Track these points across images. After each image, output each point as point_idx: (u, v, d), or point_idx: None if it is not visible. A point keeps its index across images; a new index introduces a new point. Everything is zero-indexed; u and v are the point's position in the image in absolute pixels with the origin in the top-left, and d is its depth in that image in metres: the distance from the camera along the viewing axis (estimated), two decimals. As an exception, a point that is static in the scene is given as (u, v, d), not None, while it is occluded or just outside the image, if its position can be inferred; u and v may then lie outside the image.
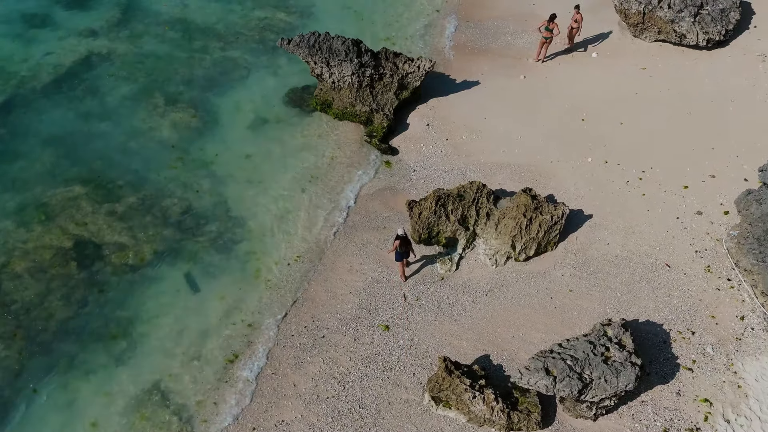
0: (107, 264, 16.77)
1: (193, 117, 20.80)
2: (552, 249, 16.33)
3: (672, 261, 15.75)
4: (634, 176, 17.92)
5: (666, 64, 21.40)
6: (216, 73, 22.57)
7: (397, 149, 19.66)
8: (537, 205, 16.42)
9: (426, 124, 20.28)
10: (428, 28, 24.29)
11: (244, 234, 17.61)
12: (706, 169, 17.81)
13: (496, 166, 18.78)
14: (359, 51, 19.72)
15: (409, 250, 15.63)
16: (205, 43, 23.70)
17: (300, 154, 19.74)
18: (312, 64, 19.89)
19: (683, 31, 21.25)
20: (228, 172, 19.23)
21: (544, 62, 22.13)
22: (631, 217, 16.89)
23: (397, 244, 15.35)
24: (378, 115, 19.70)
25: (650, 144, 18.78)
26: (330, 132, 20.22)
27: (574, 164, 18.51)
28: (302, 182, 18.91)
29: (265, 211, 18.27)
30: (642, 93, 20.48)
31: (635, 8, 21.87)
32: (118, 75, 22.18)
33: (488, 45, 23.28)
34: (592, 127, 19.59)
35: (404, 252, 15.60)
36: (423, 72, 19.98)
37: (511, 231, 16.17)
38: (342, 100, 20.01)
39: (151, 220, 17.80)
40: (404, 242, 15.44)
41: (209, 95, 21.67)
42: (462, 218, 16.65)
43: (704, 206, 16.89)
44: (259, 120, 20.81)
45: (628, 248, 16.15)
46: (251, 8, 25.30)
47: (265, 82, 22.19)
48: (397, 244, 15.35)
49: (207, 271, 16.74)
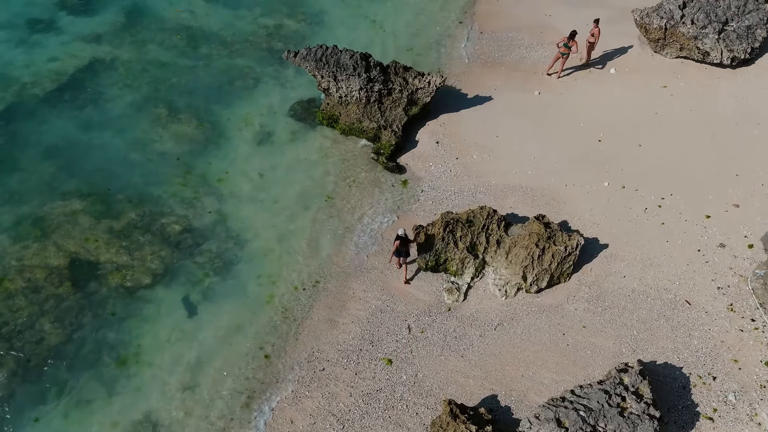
0: (102, 285, 16.03)
1: (197, 129, 20.00)
2: (565, 280, 15.41)
3: (692, 297, 14.78)
4: (652, 203, 16.94)
5: (688, 83, 20.32)
6: (221, 82, 21.75)
7: (405, 167, 18.75)
8: (550, 233, 15.50)
9: (435, 142, 19.36)
10: (444, 39, 23.28)
11: (244, 255, 16.78)
12: (730, 198, 16.78)
13: (508, 188, 17.84)
14: (368, 65, 18.81)
15: (408, 249, 15.41)
16: (211, 50, 22.87)
17: (305, 170, 18.84)
18: (319, 77, 19.02)
19: (707, 49, 20.15)
20: (230, 188, 18.41)
21: (560, 77, 21.11)
22: (650, 248, 15.92)
23: (397, 244, 15.24)
24: (386, 132, 18.81)
25: (670, 168, 17.76)
26: (336, 148, 19.32)
27: (589, 188, 17.52)
28: (306, 201, 18.03)
29: (266, 230, 17.41)
30: (662, 113, 19.43)
31: (656, 23, 20.78)
32: (121, 83, 21.38)
33: (502, 58, 22.26)
34: (609, 148, 18.58)
35: (404, 251, 15.38)
36: (434, 88, 19.04)
37: (522, 261, 15.27)
38: (349, 115, 19.14)
39: (149, 239, 17.04)
40: (404, 242, 15.24)
41: (214, 106, 20.87)
42: (471, 245, 15.76)
43: (727, 238, 15.88)
44: (264, 133, 19.98)
45: (646, 282, 15.19)
46: (260, 15, 24.41)
47: (271, 93, 21.34)
48: (397, 244, 15.24)
49: (205, 295, 15.93)
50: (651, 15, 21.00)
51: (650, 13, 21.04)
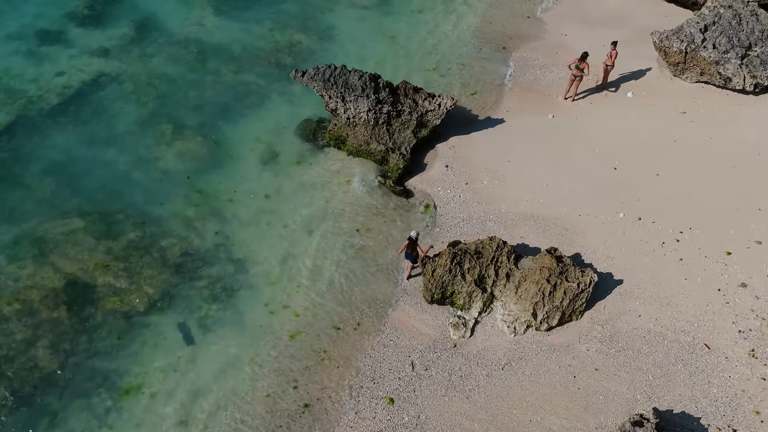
0: (98, 309, 15.43)
1: (201, 147, 19.38)
2: (577, 318, 14.59)
3: (712, 341, 13.92)
4: (670, 237, 16.09)
5: (708, 109, 19.44)
6: (228, 98, 21.14)
7: (412, 191, 18.10)
8: (562, 268, 14.70)
9: (445, 166, 18.61)
10: (457, 58, 22.45)
11: (244, 281, 16.11)
12: (752, 234, 15.88)
13: (519, 216, 17.07)
14: (377, 86, 18.13)
15: (415, 254, 15.11)
16: (218, 65, 22.31)
17: (310, 193, 18.15)
18: (326, 98, 18.37)
19: (728, 74, 19.26)
20: (233, 210, 17.74)
21: (574, 101, 20.30)
22: (667, 285, 15.06)
23: (406, 244, 15.06)
24: (394, 154, 18.11)
25: (689, 200, 16.89)
26: (344, 171, 18.67)
27: (604, 219, 16.70)
28: (310, 225, 17.36)
29: (268, 255, 16.72)
30: (681, 140, 18.57)
31: (676, 47, 19.93)
32: (127, 98, 20.85)
33: (516, 79, 21.52)
34: (625, 177, 17.74)
35: (412, 256, 15.19)
36: (444, 111, 18.32)
37: (532, 297, 14.48)
38: (356, 137, 18.47)
39: (148, 261, 16.43)
40: (411, 245, 14.97)
41: (220, 123, 20.27)
42: (479, 278, 15.00)
43: (749, 277, 14.99)
44: (269, 153, 19.33)
45: (663, 323, 14.34)
46: (270, 29, 23.85)
47: (278, 111, 20.71)
48: (406, 244, 15.06)
49: (203, 323, 15.27)
50: (671, 38, 20.16)
51: (670, 36, 20.21)
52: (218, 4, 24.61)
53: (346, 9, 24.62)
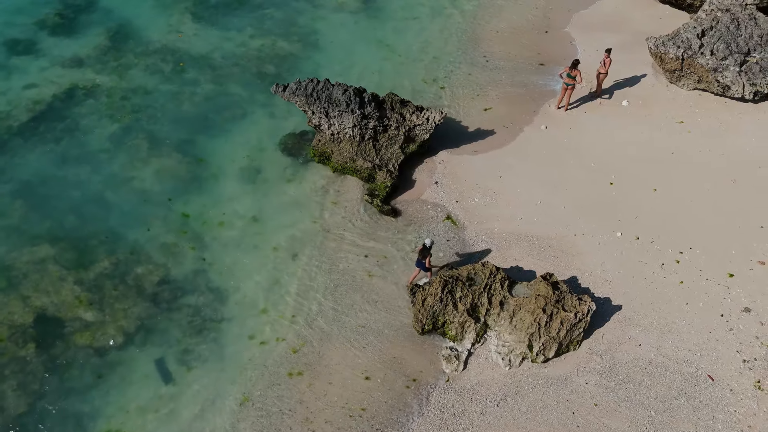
0: (70, 346, 14.42)
1: (179, 164, 18.28)
2: (575, 349, 13.79)
3: (716, 372, 13.18)
4: (670, 258, 15.30)
5: (706, 118, 18.62)
6: (208, 111, 20.00)
7: (400, 210, 17.18)
8: (559, 296, 13.88)
9: (435, 182, 17.69)
10: (446, 66, 21.43)
11: (226, 312, 15.15)
12: (755, 254, 15.13)
13: (512, 237, 16.21)
14: (362, 101, 17.12)
15: (425, 262, 14.58)
16: (197, 75, 21.14)
17: (295, 213, 17.15)
18: (309, 113, 17.36)
19: (727, 82, 18.42)
20: (212, 233, 16.72)
21: (567, 110, 19.43)
22: (668, 311, 14.29)
23: (419, 249, 14.59)
24: (381, 172, 17.15)
25: (688, 218, 16.09)
26: (328, 188, 17.67)
27: (600, 239, 15.88)
28: (295, 248, 16.40)
29: (251, 282, 15.73)
30: (679, 152, 17.74)
31: (673, 53, 19.05)
32: (101, 112, 19.68)
33: (506, 87, 20.59)
34: (622, 192, 16.91)
35: (422, 264, 14.67)
36: (433, 125, 17.36)
37: (528, 328, 13.67)
38: (342, 153, 17.49)
39: (123, 291, 15.41)
40: (423, 251, 14.48)
41: (198, 137, 19.16)
42: (472, 307, 14.15)
43: (753, 301, 14.25)
44: (251, 170, 18.26)
45: (664, 352, 13.57)
46: (251, 36, 22.69)
47: (260, 124, 19.63)
48: (419, 249, 14.59)
49: (181, 359, 14.31)
50: (667, 44, 19.27)
51: (666, 42, 19.31)
52: (197, 11, 23.40)
53: (331, 14, 23.50)
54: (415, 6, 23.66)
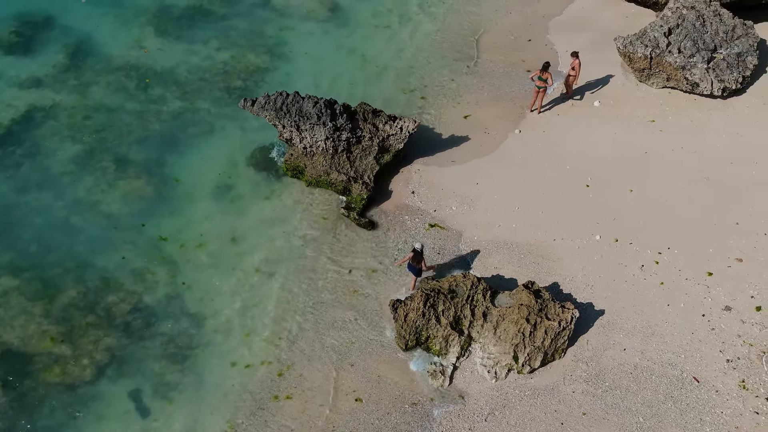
0: (39, 383, 13.70)
1: (147, 185, 17.58)
2: (560, 357, 13.58)
3: (700, 373, 13.10)
4: (649, 259, 15.23)
5: (677, 116, 18.64)
6: (174, 128, 19.31)
7: (378, 223, 16.80)
8: (541, 305, 13.67)
9: (411, 192, 17.35)
10: (415, 72, 21.03)
11: (202, 337, 14.59)
12: (732, 251, 15.15)
13: (492, 244, 15.97)
14: (333, 113, 16.69)
15: (420, 267, 14.46)
16: (163, 91, 20.41)
17: (270, 230, 16.63)
18: (280, 127, 16.85)
19: (696, 80, 18.48)
20: (185, 255, 16.12)
21: (540, 113, 19.30)
22: (650, 313, 14.20)
23: (410, 257, 14.39)
24: (357, 184, 16.76)
25: (665, 217, 16.04)
26: (303, 203, 17.15)
27: (580, 243, 15.74)
28: (272, 267, 15.88)
29: (227, 305, 15.18)
30: (652, 152, 17.71)
31: (641, 52, 19.03)
32: (62, 134, 18.84)
33: (480, 92, 20.32)
34: (598, 194, 16.81)
35: (415, 269, 14.52)
36: (407, 134, 17.01)
37: (512, 339, 13.42)
38: (315, 167, 17.04)
39: (93, 322, 14.74)
40: (416, 257, 14.28)
41: (166, 156, 18.49)
42: (455, 320, 13.86)
43: (733, 299, 14.25)
44: (223, 188, 17.66)
45: (649, 356, 13.46)
46: (216, 49, 21.99)
47: (230, 140, 19.01)
48: (410, 257, 14.39)
49: (157, 390, 13.71)
50: (635, 43, 19.25)
51: (634, 41, 19.29)
52: (159, 24, 22.61)
53: (299, 23, 22.93)
54: (383, 13, 23.23)
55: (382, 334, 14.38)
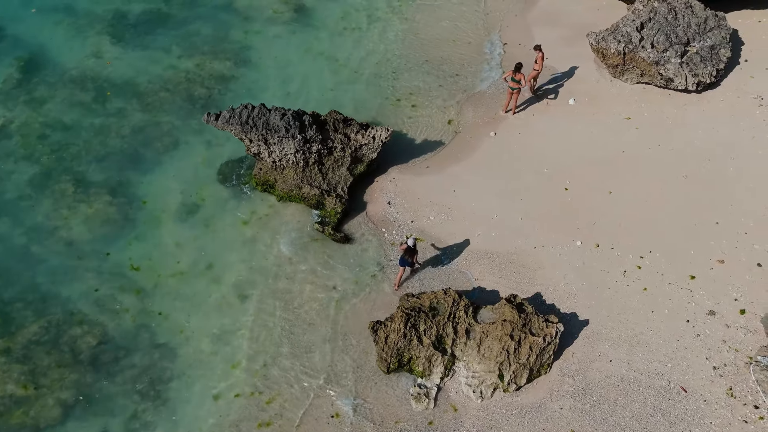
0: (1, 427, 12.95)
1: (111, 207, 16.58)
2: (546, 372, 13.16)
3: (688, 383, 12.78)
4: (631, 264, 14.84)
5: (652, 113, 18.22)
6: (137, 144, 18.28)
7: (354, 237, 16.10)
8: (525, 320, 13.18)
9: (387, 203, 16.66)
10: (383, 74, 20.22)
11: (175, 368, 13.80)
12: (713, 252, 14.83)
13: (472, 255, 15.41)
14: (302, 125, 15.85)
15: (413, 261, 14.43)
16: (123, 104, 19.29)
17: (240, 250, 15.82)
18: (247, 142, 15.98)
19: (670, 75, 18.04)
20: (153, 281, 15.24)
21: (515, 114, 18.74)
22: (634, 321, 13.83)
23: (403, 248, 14.21)
24: (330, 197, 16.03)
25: (645, 219, 15.64)
26: (275, 219, 16.35)
27: (561, 250, 15.28)
28: (245, 289, 15.12)
29: (200, 332, 14.41)
30: (629, 151, 17.28)
31: (614, 48, 18.53)
32: (16, 155, 17.69)
33: (452, 93, 19.58)
34: (577, 198, 16.34)
35: (409, 261, 14.35)
36: (379, 143, 16.31)
37: (497, 356, 12.93)
38: (286, 181, 16.22)
39: (56, 358, 13.84)
40: (409, 251, 14.17)
41: (129, 174, 17.47)
42: (437, 339, 13.31)
43: (716, 303, 13.95)
44: (190, 206, 16.74)
45: (635, 366, 13.09)
46: (178, 56, 20.85)
47: (196, 154, 18.01)
48: (403, 248, 14.21)
49: (129, 428, 12.95)
50: (608, 39, 18.73)
51: (606, 37, 18.77)
52: (116, 32, 21.35)
53: (264, 26, 21.87)
54: (351, 13, 22.29)
55: (363, 357, 13.79)
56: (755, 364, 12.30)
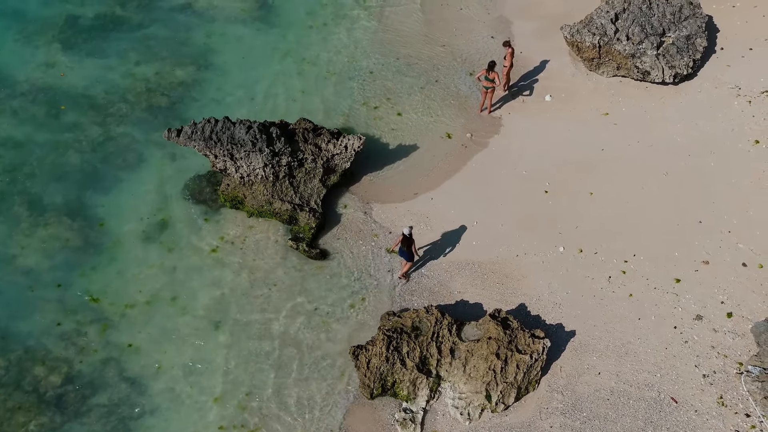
0: (-40, 483, 12.07)
1: (70, 232, 15.45)
2: (534, 389, 12.65)
3: (678, 393, 12.39)
4: (615, 269, 14.33)
5: (630, 107, 17.62)
6: (95, 160, 17.03)
7: (330, 251, 15.28)
8: (511, 336, 12.60)
9: (363, 213, 15.82)
10: (354, 75, 19.12)
11: (146, 404, 12.91)
12: (697, 253, 14.40)
13: (453, 267, 14.74)
14: (270, 138, 14.87)
15: (411, 251, 14.00)
16: (78, 118, 17.97)
17: (211, 272, 14.85)
18: (212, 157, 14.96)
19: (646, 68, 17.43)
20: (119, 310, 14.22)
21: (491, 113, 17.99)
22: (621, 330, 13.35)
23: (399, 240, 13.89)
24: (303, 212, 15.13)
25: (627, 220, 15.13)
26: (246, 237, 15.45)
27: (543, 257, 14.69)
28: (217, 314, 14.23)
29: (171, 364, 13.53)
30: (609, 148, 16.68)
31: (589, 41, 17.81)
32: (-35, 178, 16.64)
33: (426, 93, 18.56)
34: (558, 201, 15.72)
35: (407, 253, 13.98)
36: (352, 152, 15.43)
37: (483, 376, 12.34)
38: (256, 197, 15.28)
39: (20, 399, 12.85)
40: (406, 241, 13.80)
41: (89, 194, 16.27)
42: (421, 361, 12.67)
43: (703, 306, 13.54)
44: (156, 227, 15.66)
45: (624, 378, 12.65)
46: (136, 63, 19.48)
47: (159, 169, 16.86)
48: (399, 240, 13.89)
49: (100, 473, 12.28)
50: (582, 32, 18.00)
51: (581, 30, 18.04)
52: (67, 38, 19.82)
53: (225, 26, 20.56)
54: (316, 9, 21.07)
55: (344, 383, 13.10)
56: (746, 374, 11.94)
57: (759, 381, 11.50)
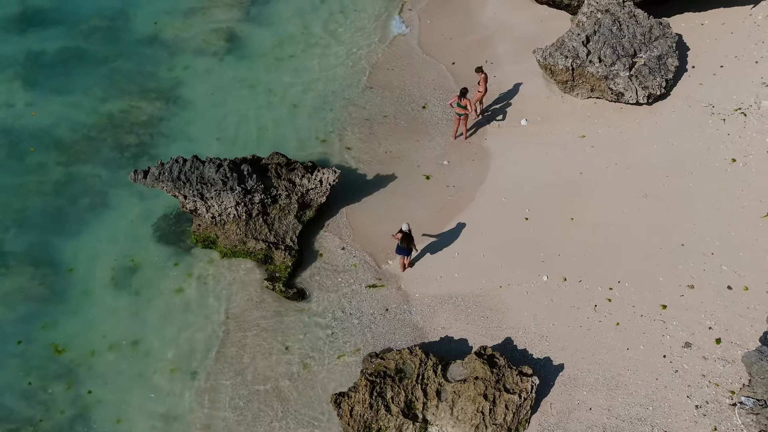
0: None
1: (33, 280, 14.60)
2: (524, 429, 12.09)
3: (672, 426, 11.88)
4: (601, 297, 13.91)
5: (606, 129, 17.35)
6: (61, 203, 16.21)
7: (308, 291, 14.62)
8: (498, 375, 12.04)
9: (341, 248, 15.26)
10: (332, 106, 18.75)
11: (117, 466, 12.25)
12: (682, 277, 14.03)
13: (435, 300, 14.18)
14: (241, 175, 14.26)
15: (411, 248, 14.02)
16: (42, 158, 17.14)
17: (184, 318, 14.11)
18: (181, 198, 14.25)
19: (620, 89, 17.20)
20: (85, 362, 13.38)
21: (467, 138, 17.62)
22: (610, 362, 12.87)
23: (398, 236, 13.79)
24: (279, 251, 14.46)
25: (610, 246, 14.71)
26: (220, 279, 14.66)
27: (527, 287, 14.22)
28: (189, 364, 13.44)
29: (142, 418, 12.71)
30: (587, 171, 16.35)
31: (562, 64, 17.55)
32: None
33: (399, 123, 18.34)
34: (539, 227, 15.31)
35: (406, 249, 14.00)
36: (327, 186, 14.88)
37: (471, 419, 11.74)
38: (228, 236, 14.59)
39: (-22, 469, 12.08)
40: (405, 238, 13.76)
41: (53, 240, 15.43)
42: (407, 405, 12.04)
43: (691, 333, 13.14)
44: (125, 271, 14.87)
45: (616, 413, 12.14)
46: (101, 99, 18.70)
47: (127, 210, 16.09)
48: (398, 236, 13.79)
49: None
50: (554, 54, 17.77)
51: (553, 53, 17.81)
52: (29, 75, 19.04)
53: (193, 59, 19.92)
54: (286, 40, 20.54)
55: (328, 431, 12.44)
56: (740, 406, 11.50)
57: (753, 413, 11.08)
